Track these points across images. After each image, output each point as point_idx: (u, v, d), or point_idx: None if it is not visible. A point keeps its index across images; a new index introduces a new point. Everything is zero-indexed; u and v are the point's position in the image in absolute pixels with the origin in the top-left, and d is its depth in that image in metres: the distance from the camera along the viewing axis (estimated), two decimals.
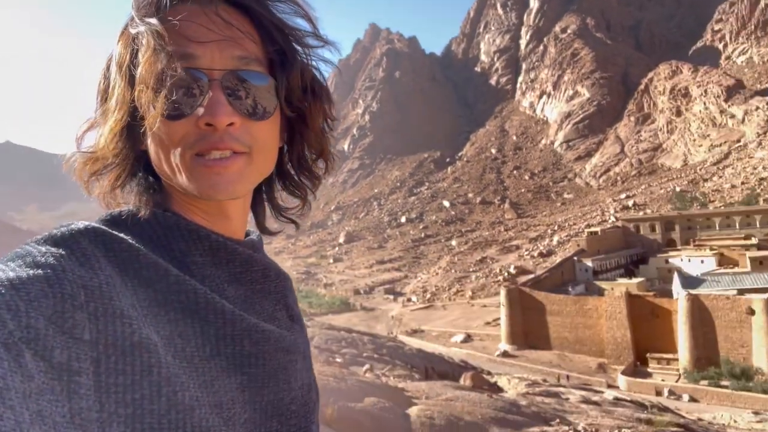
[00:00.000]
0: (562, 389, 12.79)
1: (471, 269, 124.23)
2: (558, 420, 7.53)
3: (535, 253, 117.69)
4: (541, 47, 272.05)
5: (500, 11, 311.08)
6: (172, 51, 0.75)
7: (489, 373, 24.73)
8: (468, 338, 70.80)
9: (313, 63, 0.88)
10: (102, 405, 0.61)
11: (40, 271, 0.61)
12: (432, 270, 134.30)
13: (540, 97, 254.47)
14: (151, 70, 0.74)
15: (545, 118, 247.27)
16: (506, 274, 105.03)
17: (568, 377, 46.96)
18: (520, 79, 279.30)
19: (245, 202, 0.91)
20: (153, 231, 0.80)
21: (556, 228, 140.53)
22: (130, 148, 0.81)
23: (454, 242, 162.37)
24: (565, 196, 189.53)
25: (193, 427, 0.67)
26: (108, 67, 0.81)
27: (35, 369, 0.55)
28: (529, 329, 62.71)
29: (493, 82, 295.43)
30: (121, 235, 0.75)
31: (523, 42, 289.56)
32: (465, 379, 13.80)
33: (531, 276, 79.87)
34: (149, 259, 0.74)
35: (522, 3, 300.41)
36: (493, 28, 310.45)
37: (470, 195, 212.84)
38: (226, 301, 0.79)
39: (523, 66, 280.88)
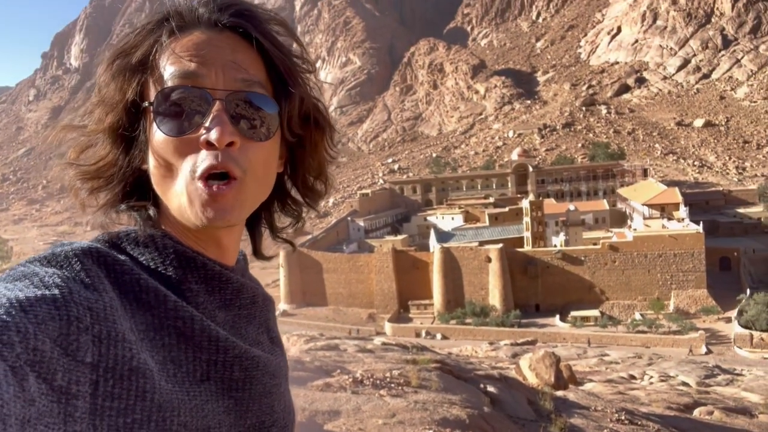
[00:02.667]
0: (338, 341, 13.81)
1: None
2: (339, 370, 8.23)
3: (312, 215, 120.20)
4: (315, 11, 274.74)
5: None
6: (178, 70, 0.77)
7: None
8: None
9: (314, 94, 0.92)
10: (95, 428, 0.62)
11: (47, 293, 0.62)
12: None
13: (315, 61, 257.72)
14: (157, 87, 0.77)
15: (320, 83, 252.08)
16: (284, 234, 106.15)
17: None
18: None
19: (239, 228, 0.92)
20: (150, 255, 0.80)
21: (331, 190, 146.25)
22: (128, 166, 0.82)
23: None
24: (340, 159, 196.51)
25: None
26: (108, 80, 0.81)
27: (37, 392, 0.56)
28: (307, 288, 65.08)
29: None
30: (122, 257, 0.75)
31: (297, 3, 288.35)
32: None
33: (309, 237, 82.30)
34: (150, 284, 0.74)
35: None
36: None
37: None
38: (217, 326, 0.80)
39: (298, 28, 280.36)
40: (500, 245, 57.99)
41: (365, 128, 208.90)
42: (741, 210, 75.34)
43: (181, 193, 0.78)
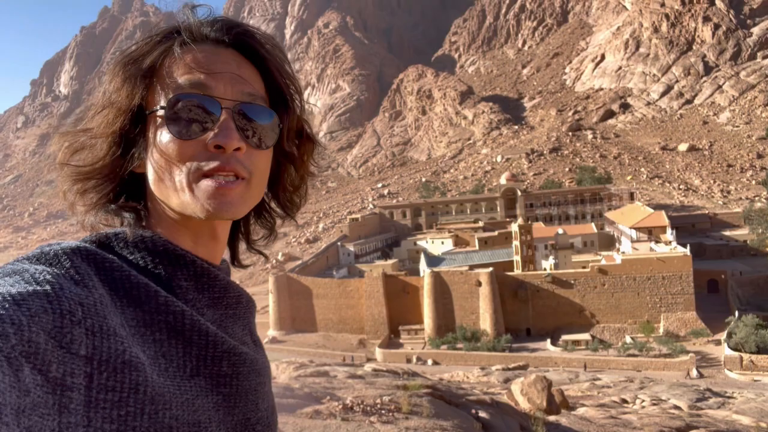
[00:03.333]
0: (328, 368, 13.63)
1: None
2: (328, 397, 8.12)
3: (302, 240, 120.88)
4: (306, 39, 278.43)
5: None
6: (190, 79, 0.83)
7: None
8: None
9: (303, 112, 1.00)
10: (89, 420, 0.63)
11: (39, 288, 0.64)
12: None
13: (305, 88, 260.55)
14: (167, 93, 0.83)
15: (310, 109, 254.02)
16: (274, 261, 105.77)
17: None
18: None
19: (228, 226, 0.97)
20: (139, 254, 0.83)
21: (321, 215, 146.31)
22: (122, 167, 0.86)
23: None
24: (329, 184, 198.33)
25: None
26: (120, 84, 0.85)
27: (32, 383, 0.57)
28: (296, 314, 64.41)
29: None
30: (111, 256, 0.77)
31: (288, 32, 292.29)
32: None
33: (299, 262, 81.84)
34: (140, 281, 0.76)
35: None
36: (257, 14, 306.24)
37: None
38: (207, 322, 0.83)
39: (289, 56, 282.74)
40: (490, 269, 57.99)
41: (355, 153, 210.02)
42: (727, 233, 76.18)
43: (183, 189, 0.83)
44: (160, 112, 0.83)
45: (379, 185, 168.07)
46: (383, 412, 7.44)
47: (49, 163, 0.88)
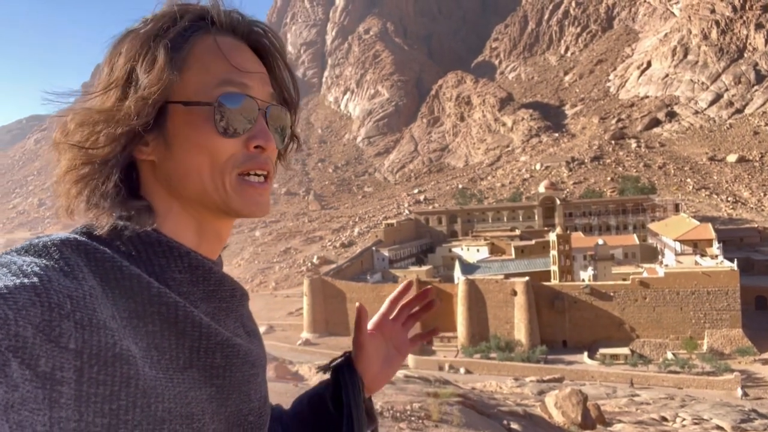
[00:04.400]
0: None
1: (275, 260, 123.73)
2: None
3: (338, 244, 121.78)
4: (346, 45, 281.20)
5: (307, 4, 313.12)
6: (232, 78, 0.83)
7: (291, 363, 25.16)
8: (270, 329, 70.58)
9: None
10: (81, 414, 0.62)
11: (26, 280, 0.62)
12: (234, 261, 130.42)
13: (344, 93, 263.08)
14: (206, 86, 0.81)
15: (349, 114, 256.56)
16: (309, 264, 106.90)
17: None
18: (326, 74, 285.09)
19: (232, 224, 0.95)
20: (133, 246, 0.80)
21: (357, 220, 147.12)
22: (122, 151, 0.81)
23: (257, 233, 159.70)
24: (366, 189, 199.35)
25: None
26: (128, 66, 0.80)
27: (20, 378, 0.56)
28: (330, 317, 64.90)
29: (299, 74, 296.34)
30: (102, 247, 0.75)
31: (329, 38, 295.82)
32: (268, 370, 13.89)
33: (333, 266, 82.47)
34: (132, 271, 0.74)
35: None
36: (300, 20, 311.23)
37: (275, 186, 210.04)
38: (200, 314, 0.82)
39: (329, 61, 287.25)
40: (526, 278, 57.12)
41: (392, 159, 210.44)
42: None
43: (225, 187, 0.82)
44: (200, 108, 0.80)
45: (416, 191, 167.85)
46: (413, 418, 7.40)
47: (50, 143, 0.82)
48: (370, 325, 1.18)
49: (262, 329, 70.82)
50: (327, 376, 1.16)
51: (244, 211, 0.84)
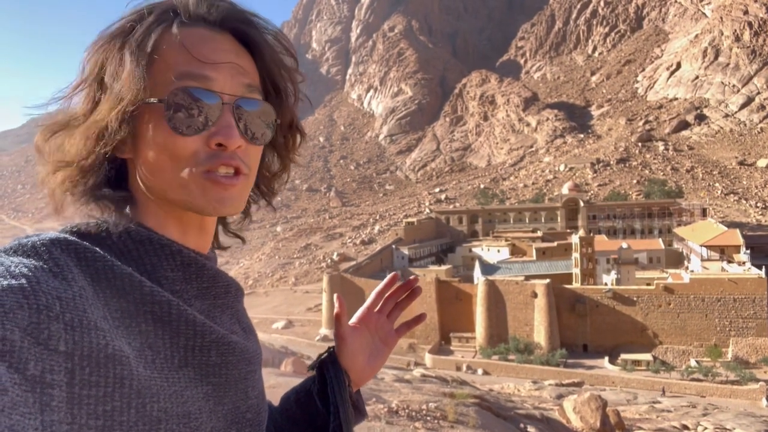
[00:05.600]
0: None
1: (295, 256, 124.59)
2: (374, 399, 8.13)
3: (358, 241, 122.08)
4: (370, 42, 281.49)
5: (333, 1, 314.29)
6: (192, 71, 0.79)
7: (309, 358, 25.29)
8: (289, 324, 71.13)
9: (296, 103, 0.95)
10: (73, 417, 0.61)
11: (14, 282, 0.61)
12: (255, 256, 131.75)
13: (367, 90, 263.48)
14: (166, 83, 0.78)
15: (371, 112, 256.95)
16: (329, 261, 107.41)
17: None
18: (350, 71, 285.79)
19: (216, 218, 0.94)
20: (124, 244, 0.80)
21: (377, 217, 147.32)
22: (104, 156, 0.81)
23: (279, 228, 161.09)
24: (387, 187, 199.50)
25: None
26: (136, 72, 0.78)
27: (9, 382, 0.55)
28: (349, 313, 64.67)
29: (323, 71, 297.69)
30: (93, 246, 0.74)
31: (353, 35, 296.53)
32: (286, 365, 13.95)
33: (353, 263, 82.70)
34: (123, 270, 0.74)
35: None
36: (325, 18, 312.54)
37: (297, 182, 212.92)
38: (194, 311, 0.81)
39: (353, 58, 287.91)
40: (547, 281, 56.51)
41: (413, 157, 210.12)
42: None
43: (186, 185, 0.80)
44: (159, 105, 0.78)
45: (437, 190, 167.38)
46: (428, 418, 7.36)
47: (33, 148, 0.83)
48: (354, 318, 1.17)
49: (281, 324, 71.46)
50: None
51: (207, 208, 0.81)
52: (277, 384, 8.74)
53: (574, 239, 62.89)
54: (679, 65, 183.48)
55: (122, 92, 0.77)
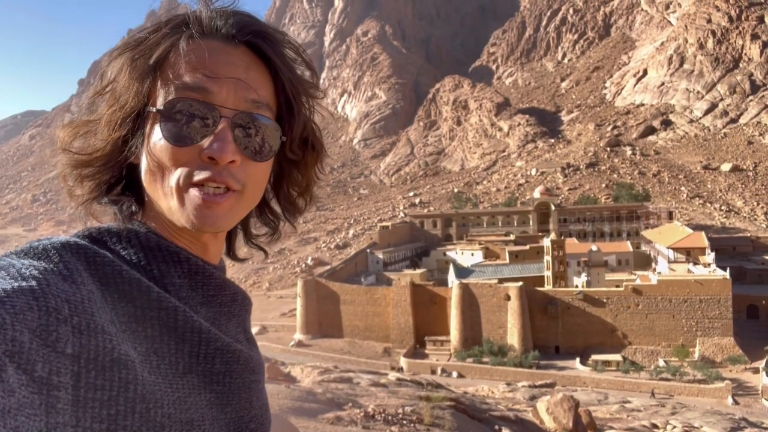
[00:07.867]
0: (351, 374, 13.64)
1: (269, 260, 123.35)
2: (350, 404, 8.11)
3: (332, 245, 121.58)
4: (344, 47, 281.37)
5: (306, 6, 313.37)
6: (191, 82, 0.80)
7: (284, 364, 25.06)
8: (263, 330, 70.31)
9: (314, 119, 0.96)
10: (78, 420, 0.62)
11: (24, 284, 0.62)
12: (227, 260, 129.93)
13: (341, 95, 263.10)
14: (167, 92, 0.80)
15: (345, 116, 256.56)
16: (304, 265, 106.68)
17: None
18: (324, 75, 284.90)
19: (223, 233, 0.95)
20: (132, 249, 0.80)
21: (352, 222, 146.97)
22: (119, 159, 0.84)
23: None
24: (361, 191, 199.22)
25: None
26: (129, 82, 0.81)
27: (17, 383, 0.56)
28: (323, 319, 64.67)
29: None
30: (102, 251, 0.75)
31: (327, 39, 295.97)
32: None
33: (327, 267, 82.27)
34: (131, 276, 0.74)
35: (327, 0, 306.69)
36: (298, 21, 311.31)
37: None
38: (200, 319, 0.81)
39: (327, 63, 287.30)
40: (520, 283, 57.12)
41: (388, 161, 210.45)
42: None
43: (172, 195, 0.80)
44: (157, 113, 0.80)
45: (411, 194, 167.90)
46: (405, 422, 7.38)
47: (52, 148, 0.87)
48: None
49: (254, 330, 70.42)
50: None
51: (188, 223, 0.81)
52: None
53: (546, 242, 63.79)
54: (645, 72, 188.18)
55: (122, 100, 0.81)
